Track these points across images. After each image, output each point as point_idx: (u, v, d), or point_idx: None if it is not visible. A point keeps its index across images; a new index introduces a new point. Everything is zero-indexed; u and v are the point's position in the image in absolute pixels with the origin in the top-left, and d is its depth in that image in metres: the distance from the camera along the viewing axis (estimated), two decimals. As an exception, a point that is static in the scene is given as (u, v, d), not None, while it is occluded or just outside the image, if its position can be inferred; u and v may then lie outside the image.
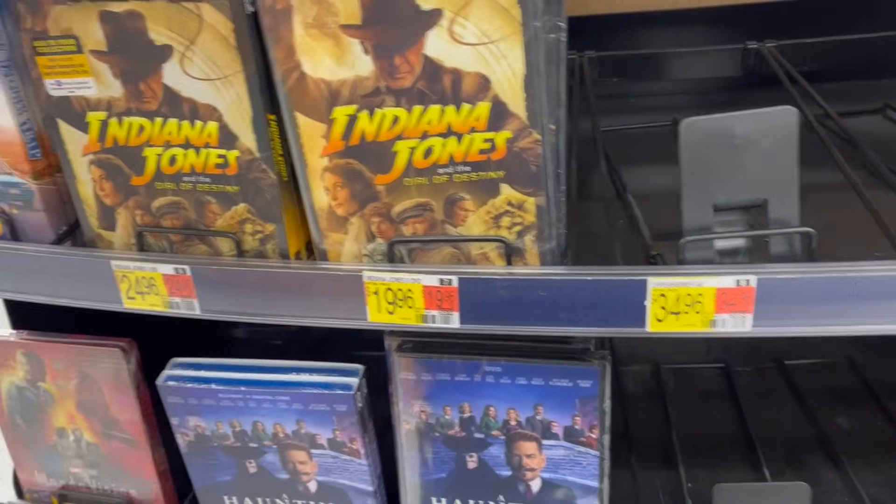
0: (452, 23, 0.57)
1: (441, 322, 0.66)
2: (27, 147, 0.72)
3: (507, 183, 0.63)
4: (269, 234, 0.69)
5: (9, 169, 0.73)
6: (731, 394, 1.18)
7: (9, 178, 0.74)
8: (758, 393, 1.17)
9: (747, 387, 1.18)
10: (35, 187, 0.74)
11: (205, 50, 0.61)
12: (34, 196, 0.74)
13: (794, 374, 1.20)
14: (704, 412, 1.15)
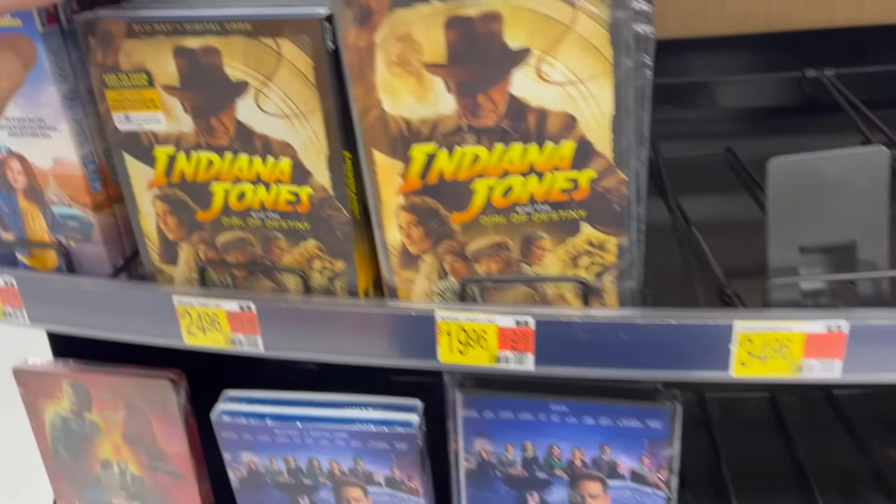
0: (541, 62, 0.56)
1: (515, 364, 0.65)
2: (88, 179, 0.70)
3: (589, 223, 0.61)
4: (338, 272, 0.67)
5: (68, 201, 0.72)
6: (778, 424, 1.16)
7: (68, 210, 0.72)
8: (806, 423, 1.15)
9: (795, 417, 1.16)
10: (95, 220, 0.72)
11: (282, 86, 0.59)
12: (93, 228, 0.73)
13: (843, 403, 1.18)
14: (753, 443, 1.13)
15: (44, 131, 0.68)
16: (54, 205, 0.72)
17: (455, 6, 0.54)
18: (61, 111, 0.67)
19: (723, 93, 1.06)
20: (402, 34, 0.56)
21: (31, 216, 0.74)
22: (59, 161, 0.70)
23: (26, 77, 0.46)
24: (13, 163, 0.71)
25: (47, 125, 0.68)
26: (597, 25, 0.54)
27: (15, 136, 0.69)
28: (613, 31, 0.54)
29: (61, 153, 0.69)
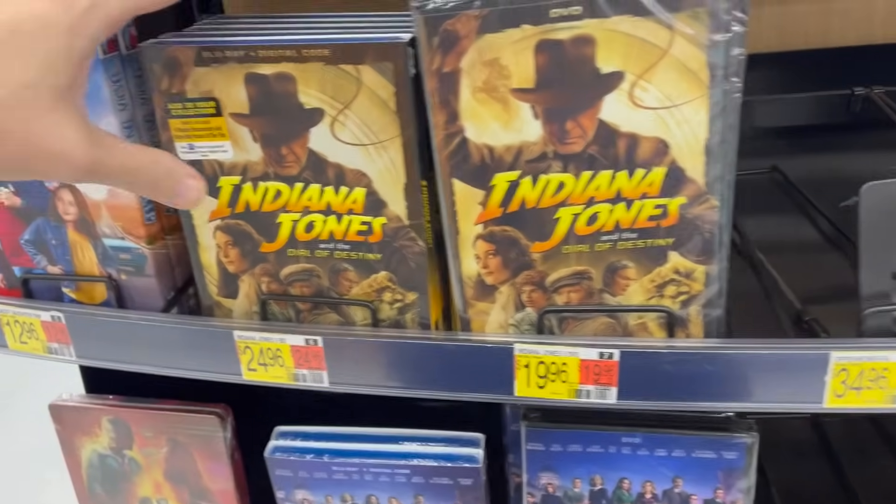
0: (634, 86, 0.54)
1: (596, 398, 0.62)
2: (143, 211, 0.68)
3: (677, 250, 0.59)
4: (409, 304, 0.65)
5: (122, 233, 0.69)
6: (822, 445, 1.14)
7: (121, 242, 0.70)
8: (851, 444, 1.12)
9: (838, 437, 1.14)
10: (148, 252, 0.70)
11: (360, 114, 0.57)
12: (146, 261, 0.70)
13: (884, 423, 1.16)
14: (800, 466, 1.11)
15: None
16: (106, 237, 0.70)
17: (546, 30, 0.53)
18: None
19: (766, 111, 1.04)
20: (489, 59, 0.54)
21: (80, 249, 0.71)
22: (113, 192, 0.67)
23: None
24: (64, 194, 0.69)
25: None
26: (694, 48, 0.52)
27: (68, 166, 0.66)
28: (711, 53, 0.52)
29: None
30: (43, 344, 0.74)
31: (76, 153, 0.42)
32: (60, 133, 0.41)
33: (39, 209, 0.70)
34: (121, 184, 0.47)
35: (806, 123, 1.02)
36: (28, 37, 0.39)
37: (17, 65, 0.39)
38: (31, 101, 0.40)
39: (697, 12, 0.51)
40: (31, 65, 0.39)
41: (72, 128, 0.42)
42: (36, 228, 0.71)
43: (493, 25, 0.53)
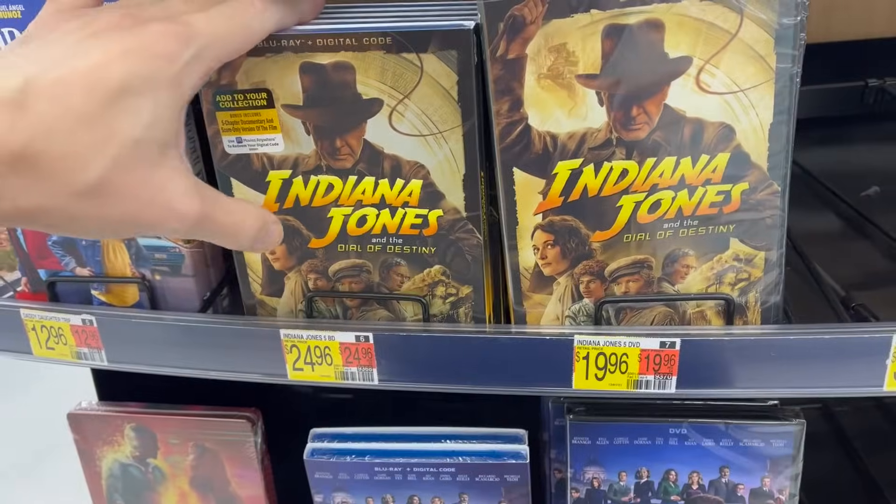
0: (701, 71, 0.53)
1: (655, 388, 0.62)
2: (183, 208, 0.66)
3: (738, 237, 0.59)
4: (462, 298, 0.63)
5: (159, 233, 0.67)
6: (837, 435, 1.15)
7: (157, 241, 0.67)
8: (863, 433, 1.14)
9: (850, 426, 1.15)
10: (186, 251, 0.68)
11: (420, 104, 0.56)
12: (184, 260, 0.68)
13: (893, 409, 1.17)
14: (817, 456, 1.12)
15: None
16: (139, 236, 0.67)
17: (615, 15, 0.52)
18: None
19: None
20: (555, 45, 0.53)
21: (112, 249, 0.69)
22: (151, 189, 0.65)
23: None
24: (98, 193, 0.66)
25: None
26: (763, 32, 0.52)
27: (104, 163, 0.64)
28: (779, 37, 0.52)
29: None
30: (72, 349, 0.72)
31: (186, 207, 0.43)
32: (171, 187, 0.42)
33: (71, 209, 0.67)
34: (220, 238, 0.47)
35: (820, 115, 1.03)
36: (135, 95, 0.39)
37: (127, 123, 0.39)
38: (141, 159, 0.40)
39: (768, -4, 0.51)
40: (140, 122, 0.40)
41: (181, 181, 0.42)
42: (66, 229, 0.69)
43: (561, 10, 0.52)
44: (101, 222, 0.41)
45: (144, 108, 0.40)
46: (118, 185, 0.40)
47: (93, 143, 0.38)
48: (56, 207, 0.39)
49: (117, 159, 0.39)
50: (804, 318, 0.66)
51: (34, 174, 0.37)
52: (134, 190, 0.40)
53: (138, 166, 0.40)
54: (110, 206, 0.40)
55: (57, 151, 0.37)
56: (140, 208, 0.41)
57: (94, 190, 0.39)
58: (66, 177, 0.38)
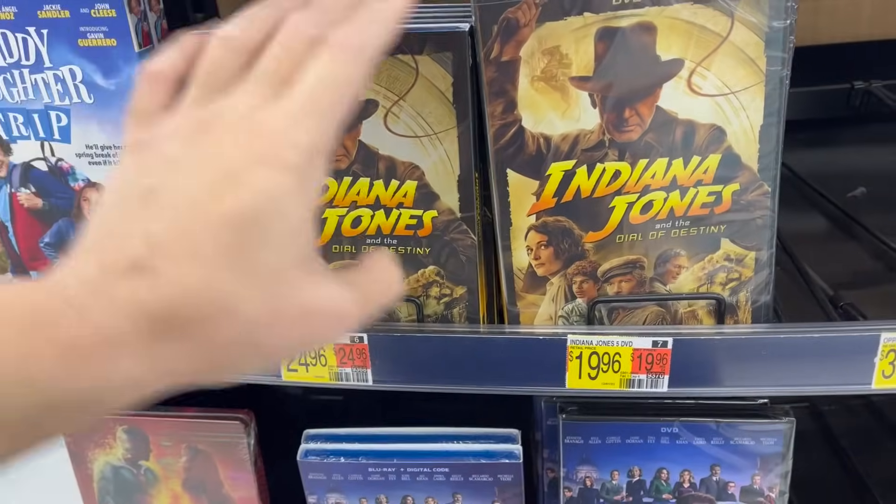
0: (692, 73, 0.54)
1: (648, 386, 0.62)
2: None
3: (729, 237, 0.60)
4: (456, 298, 0.64)
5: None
6: (825, 434, 1.16)
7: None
8: (851, 432, 1.15)
9: (838, 425, 1.17)
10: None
11: (415, 105, 0.56)
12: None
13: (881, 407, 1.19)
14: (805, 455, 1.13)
15: None
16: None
17: (608, 18, 0.53)
18: None
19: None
20: (549, 48, 0.54)
21: (106, 251, 0.69)
22: (145, 191, 0.65)
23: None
24: (91, 193, 0.66)
25: None
26: (753, 35, 0.53)
27: (97, 165, 0.64)
28: (769, 41, 0.53)
29: None
30: (64, 351, 0.71)
31: (346, 309, 0.38)
32: (325, 297, 0.37)
33: (63, 210, 0.67)
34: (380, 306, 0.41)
35: (807, 117, 1.04)
36: (261, 221, 0.33)
37: (263, 255, 0.34)
38: (289, 285, 0.35)
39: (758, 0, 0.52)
40: (276, 247, 0.34)
41: (330, 288, 0.37)
42: (58, 230, 0.68)
43: (555, 13, 0.53)
44: (264, 358, 0.37)
45: (275, 231, 0.34)
46: (273, 319, 0.35)
47: (234, 287, 0.33)
48: (212, 362, 0.35)
49: (264, 295, 0.34)
50: (793, 317, 0.66)
51: (183, 337, 0.33)
52: (290, 319, 0.36)
53: (288, 293, 0.35)
54: (271, 342, 0.36)
55: (201, 310, 0.33)
56: (302, 333, 0.36)
57: (248, 336, 0.35)
58: (216, 332, 0.34)
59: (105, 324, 0.31)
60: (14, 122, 0.62)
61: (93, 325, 0.31)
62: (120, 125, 0.61)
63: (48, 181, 0.65)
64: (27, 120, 0.62)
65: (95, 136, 0.63)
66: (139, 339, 0.32)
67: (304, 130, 0.34)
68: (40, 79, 0.59)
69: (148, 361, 0.33)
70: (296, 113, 0.34)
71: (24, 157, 0.64)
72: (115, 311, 0.32)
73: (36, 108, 0.61)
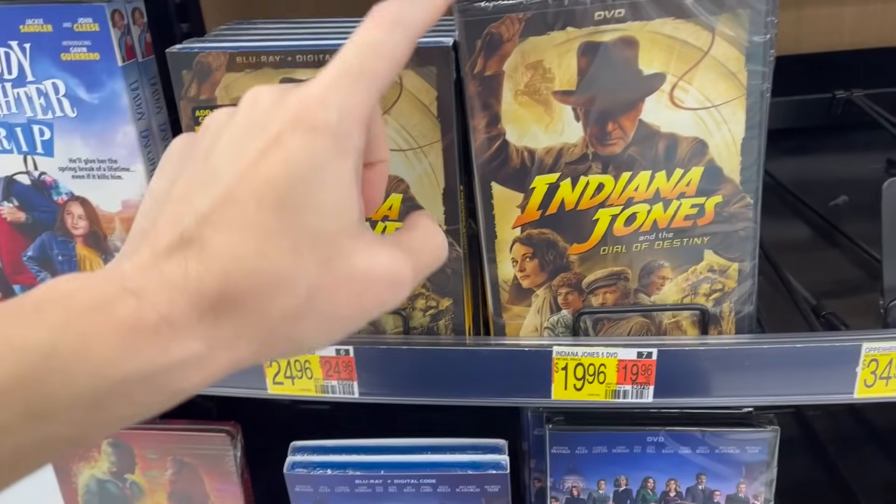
0: (674, 87, 0.55)
1: (633, 397, 0.63)
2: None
3: (712, 249, 0.60)
4: (442, 310, 0.64)
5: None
6: (809, 439, 1.17)
7: (135, 257, 0.67)
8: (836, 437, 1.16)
9: (823, 430, 1.17)
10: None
11: (400, 119, 0.56)
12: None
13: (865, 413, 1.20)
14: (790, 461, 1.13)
15: (115, 173, 0.63)
16: (118, 251, 0.67)
17: (590, 32, 0.53)
18: (137, 150, 0.62)
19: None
20: (532, 62, 0.54)
21: (89, 264, 0.69)
22: (129, 204, 0.65)
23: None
24: (74, 207, 0.66)
25: (120, 166, 0.63)
26: (734, 50, 0.53)
27: (80, 178, 0.64)
28: (750, 55, 0.54)
29: (133, 195, 0.64)
30: (48, 366, 0.71)
31: (400, 273, 0.37)
32: (378, 264, 0.36)
33: (46, 224, 0.67)
34: (431, 270, 0.40)
35: (789, 126, 1.05)
36: (305, 184, 0.33)
37: (309, 219, 0.33)
38: (340, 250, 0.34)
39: (738, 14, 0.52)
40: (322, 211, 0.34)
41: (382, 252, 0.36)
42: (41, 244, 0.68)
43: (538, 28, 0.53)
44: (323, 333, 0.36)
45: (318, 193, 0.33)
46: (331, 286, 0.34)
47: (283, 254, 0.33)
48: (273, 337, 0.34)
49: (317, 261, 0.34)
50: (777, 327, 0.67)
51: (240, 310, 0.33)
52: (347, 286, 0.35)
53: (342, 258, 0.34)
54: (332, 311, 0.35)
55: (254, 279, 0.32)
56: (360, 300, 0.36)
57: (306, 306, 0.34)
58: (272, 303, 0.33)
59: (160, 301, 0.31)
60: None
61: (149, 304, 0.31)
62: (103, 139, 0.61)
63: (31, 195, 0.65)
64: (10, 134, 0.61)
65: (79, 149, 0.62)
66: (195, 314, 0.32)
67: (334, 92, 0.34)
68: (23, 93, 0.59)
69: (207, 338, 0.32)
70: (328, 77, 0.35)
71: (7, 171, 0.64)
72: (169, 288, 0.32)
73: (19, 122, 0.61)
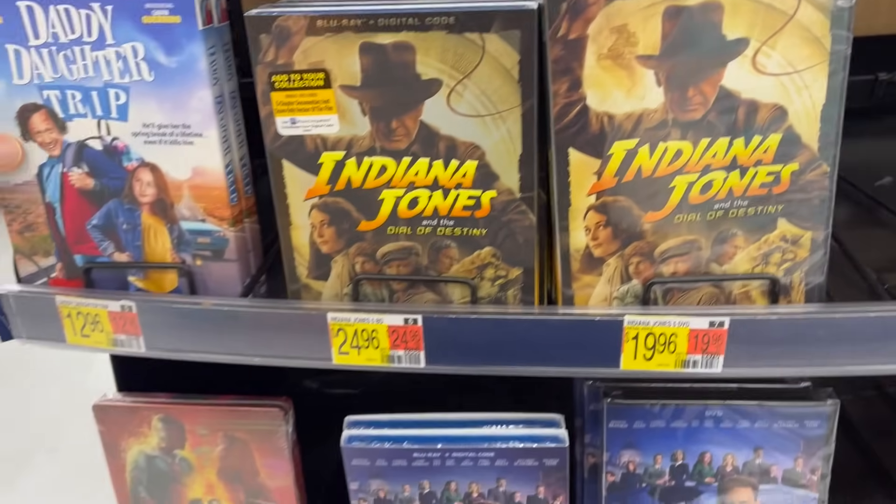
0: (757, 52, 0.55)
1: (703, 367, 0.63)
2: (228, 191, 0.65)
3: (786, 217, 0.60)
4: (511, 280, 0.64)
5: (203, 215, 0.66)
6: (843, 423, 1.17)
7: (201, 225, 0.67)
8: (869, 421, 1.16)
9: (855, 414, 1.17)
10: (231, 234, 0.67)
11: (480, 84, 0.56)
12: (228, 244, 0.68)
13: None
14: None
15: (187, 138, 0.63)
16: (185, 220, 0.67)
17: (676, -4, 0.53)
18: (212, 115, 0.62)
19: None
20: (617, 26, 0.54)
21: (153, 233, 0.68)
22: (199, 171, 0.64)
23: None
24: (144, 174, 0.65)
25: (193, 131, 0.62)
26: (819, 14, 0.53)
27: (152, 144, 0.64)
28: (834, 20, 0.54)
29: (204, 161, 0.64)
30: (108, 336, 0.71)
31: None
32: None
33: (114, 191, 0.67)
34: None
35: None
36: None
37: None
38: None
39: (826, -22, 0.52)
40: None
41: None
42: (107, 212, 0.68)
43: (624, -8, 0.53)
44: None
45: None
46: None
47: None
48: None
49: None
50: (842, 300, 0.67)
51: None
52: None
53: None
54: None
55: None
56: None
57: None
58: None
59: None
60: (72, 100, 0.61)
61: None
62: (178, 103, 0.61)
63: (102, 161, 0.65)
64: (85, 97, 0.61)
65: (153, 114, 0.62)
66: None
67: None
68: (101, 56, 0.59)
69: None
70: None
71: (80, 136, 0.64)
72: None
73: (95, 86, 0.61)
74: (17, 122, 0.64)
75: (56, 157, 0.65)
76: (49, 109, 0.63)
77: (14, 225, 0.69)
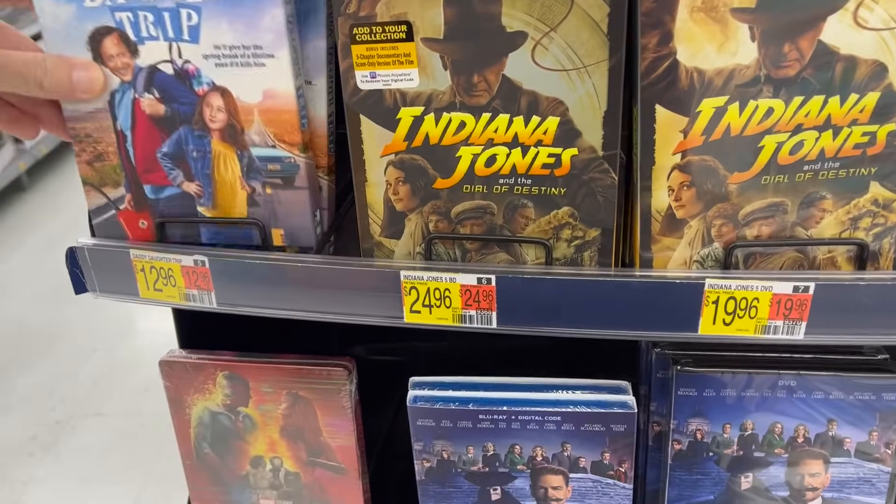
0: (860, 5, 0.52)
1: (784, 333, 0.61)
2: (299, 115, 0.64)
3: (878, 180, 0.58)
4: (589, 241, 0.63)
5: (273, 141, 0.65)
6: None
7: (271, 151, 0.66)
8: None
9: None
10: (302, 161, 0.66)
11: (567, 37, 0.55)
12: (299, 171, 0.66)
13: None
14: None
15: (259, 59, 0.62)
16: (255, 146, 0.66)
17: (777, -55, 0.51)
18: (284, 35, 0.60)
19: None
20: (712, -23, 0.52)
21: (223, 161, 0.68)
22: (270, 94, 0.63)
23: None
24: (214, 98, 0.65)
25: (264, 52, 0.61)
26: (929, -35, 0.51)
27: (223, 66, 0.63)
28: (944, -29, 0.51)
29: (275, 84, 0.63)
30: (180, 291, 0.71)
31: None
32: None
33: (185, 117, 0.66)
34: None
35: None
36: None
37: None
38: None
39: (938, -74, 0.50)
40: None
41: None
42: (177, 139, 0.67)
43: (722, -59, 0.51)
44: None
45: None
46: None
47: None
48: None
49: None
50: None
51: None
52: None
53: None
54: None
55: None
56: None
57: None
58: None
59: None
60: (144, 22, 0.61)
61: None
62: (251, 23, 0.60)
63: (172, 85, 0.64)
64: (157, 19, 0.61)
65: (225, 34, 0.61)
66: None
67: None
68: (174, -28, 0.58)
69: None
70: None
71: (151, 60, 0.63)
72: None
73: (167, 6, 0.60)
74: (90, 47, 0.64)
75: (128, 83, 0.65)
76: (121, 32, 0.63)
77: (83, 155, 0.69)
